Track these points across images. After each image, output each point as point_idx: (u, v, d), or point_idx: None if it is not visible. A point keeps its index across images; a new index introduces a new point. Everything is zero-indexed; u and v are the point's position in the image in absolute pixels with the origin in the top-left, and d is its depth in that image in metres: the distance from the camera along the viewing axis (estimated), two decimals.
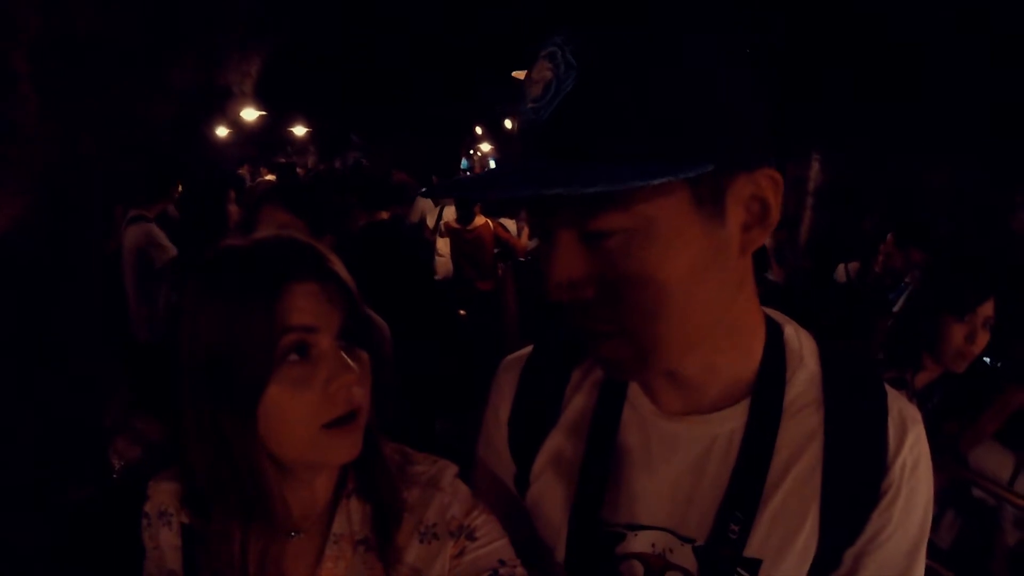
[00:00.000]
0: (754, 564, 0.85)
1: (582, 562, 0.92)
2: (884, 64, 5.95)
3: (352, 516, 0.96)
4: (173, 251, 3.67)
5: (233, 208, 4.80)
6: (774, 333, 0.91)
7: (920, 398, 2.28)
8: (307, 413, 0.85)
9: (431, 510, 0.96)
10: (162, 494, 0.99)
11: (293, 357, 0.85)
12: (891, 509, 0.85)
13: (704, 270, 0.75)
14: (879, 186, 7.15)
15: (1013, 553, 3.48)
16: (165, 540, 0.97)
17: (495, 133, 23.88)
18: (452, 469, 1.01)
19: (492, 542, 0.95)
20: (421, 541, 0.94)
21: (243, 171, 9.97)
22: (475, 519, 0.96)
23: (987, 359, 2.47)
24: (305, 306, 0.86)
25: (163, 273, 3.41)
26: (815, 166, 8.75)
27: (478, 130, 24.47)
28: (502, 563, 0.93)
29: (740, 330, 0.87)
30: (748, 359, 0.88)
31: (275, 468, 0.90)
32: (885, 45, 5.77)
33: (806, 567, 0.85)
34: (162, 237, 3.65)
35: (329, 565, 0.94)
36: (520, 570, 0.93)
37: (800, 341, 0.92)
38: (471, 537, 0.94)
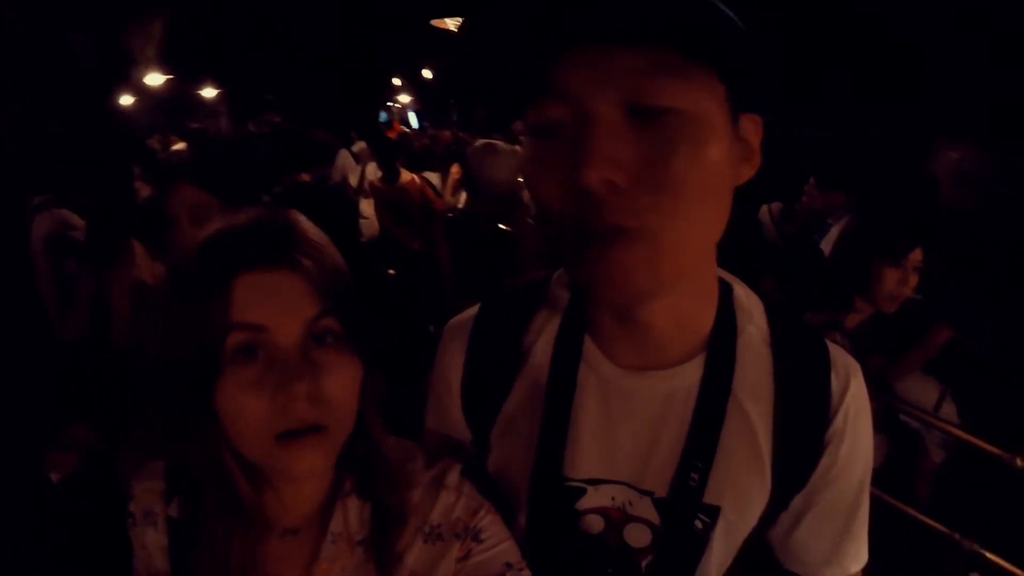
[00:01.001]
0: (713, 510, 0.89)
1: (544, 520, 0.93)
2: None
3: (349, 516, 0.91)
4: None
5: (140, 185, 4.53)
6: (726, 291, 0.93)
7: (852, 338, 2.36)
8: (257, 420, 0.77)
9: (436, 510, 0.92)
10: (147, 493, 0.93)
11: (240, 358, 0.78)
12: (836, 453, 0.91)
13: (723, 177, 0.75)
14: (806, 138, 7.31)
15: (938, 472, 3.71)
16: (151, 541, 0.91)
17: (413, 83, 23.46)
18: (457, 466, 0.96)
19: (498, 544, 0.92)
20: (425, 542, 0.91)
21: (154, 141, 9.41)
22: (481, 519, 0.92)
23: (915, 296, 2.58)
24: (253, 301, 0.78)
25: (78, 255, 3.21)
26: None
27: (396, 81, 23.97)
28: (509, 566, 0.90)
29: (705, 283, 0.89)
30: (706, 314, 0.90)
31: (247, 469, 0.85)
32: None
33: (760, 510, 0.92)
34: (77, 220, 3.42)
35: (325, 566, 0.89)
36: (527, 572, 0.91)
37: (748, 299, 0.95)
38: (477, 539, 0.91)
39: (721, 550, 0.92)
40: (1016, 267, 4.39)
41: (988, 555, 3.22)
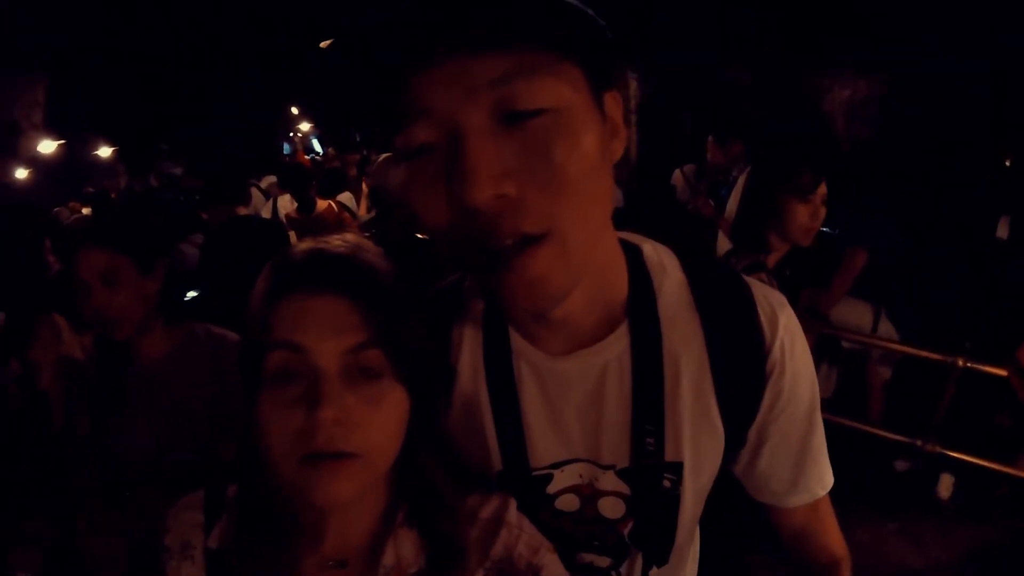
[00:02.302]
0: (677, 467, 0.92)
1: (523, 512, 0.93)
2: None
3: (403, 548, 0.88)
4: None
5: (52, 259, 4.35)
6: (633, 253, 0.94)
7: (775, 275, 2.44)
8: (286, 438, 0.77)
9: (497, 547, 0.89)
10: (183, 526, 0.92)
11: (280, 377, 0.79)
12: (779, 385, 0.94)
13: (602, 162, 0.74)
14: (693, 93, 7.46)
15: (887, 387, 3.86)
16: (188, 574, 0.90)
17: (311, 110, 23.06)
18: (513, 501, 0.93)
19: None
20: None
21: (62, 211, 8.92)
22: (543, 557, 0.90)
23: (825, 228, 2.69)
24: (296, 322, 0.78)
25: None
26: (633, 85, 9.03)
27: (294, 110, 23.54)
28: None
29: (608, 258, 0.90)
30: (618, 284, 0.91)
31: (288, 490, 0.85)
32: None
33: (719, 454, 0.95)
34: None
35: None
36: None
37: (659, 255, 0.96)
38: None
39: (691, 500, 0.95)
40: (910, 184, 4.59)
41: (953, 455, 3.39)
